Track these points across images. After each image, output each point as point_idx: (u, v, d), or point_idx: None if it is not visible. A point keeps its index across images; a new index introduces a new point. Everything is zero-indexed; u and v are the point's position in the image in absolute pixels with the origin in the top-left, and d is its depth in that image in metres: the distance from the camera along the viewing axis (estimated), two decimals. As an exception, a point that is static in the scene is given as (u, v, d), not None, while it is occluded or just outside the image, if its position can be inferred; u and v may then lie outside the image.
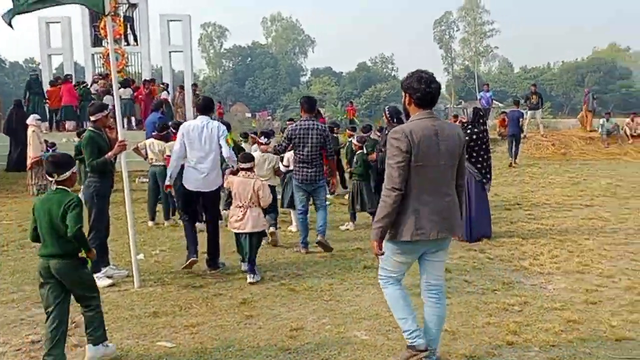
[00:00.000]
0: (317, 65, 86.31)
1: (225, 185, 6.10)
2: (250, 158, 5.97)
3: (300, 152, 6.59)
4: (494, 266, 5.92)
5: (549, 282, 5.32)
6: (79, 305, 3.87)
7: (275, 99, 73.36)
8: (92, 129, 5.61)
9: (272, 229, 7.16)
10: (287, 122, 11.12)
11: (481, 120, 7.26)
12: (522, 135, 16.85)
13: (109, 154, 5.50)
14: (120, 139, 5.52)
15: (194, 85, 20.19)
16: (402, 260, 3.48)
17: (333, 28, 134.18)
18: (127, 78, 18.74)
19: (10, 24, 4.92)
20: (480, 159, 7.11)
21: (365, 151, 8.23)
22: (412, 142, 3.24)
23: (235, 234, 5.82)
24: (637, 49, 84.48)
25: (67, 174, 3.76)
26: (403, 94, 3.46)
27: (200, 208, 6.36)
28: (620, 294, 4.91)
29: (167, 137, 8.44)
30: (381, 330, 4.23)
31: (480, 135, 7.11)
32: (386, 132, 7.21)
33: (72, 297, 3.83)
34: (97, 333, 3.83)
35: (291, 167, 7.50)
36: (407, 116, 3.57)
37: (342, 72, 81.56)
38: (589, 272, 5.58)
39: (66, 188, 3.76)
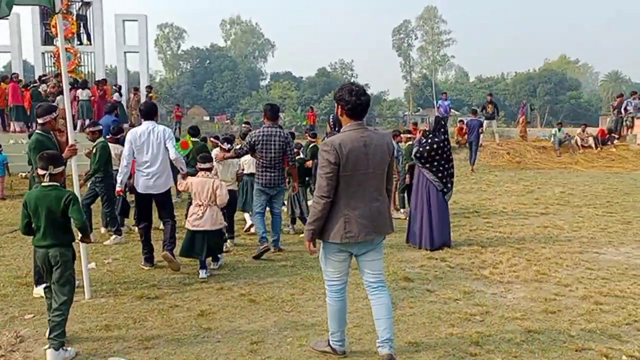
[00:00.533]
0: (277, 69, 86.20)
1: (181, 188, 6.25)
2: (209, 159, 6.22)
3: (264, 158, 6.74)
4: (455, 275, 5.94)
5: (509, 291, 5.36)
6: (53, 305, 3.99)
7: (234, 103, 72.67)
8: (40, 132, 5.31)
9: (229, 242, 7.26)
10: (244, 125, 11.02)
11: (442, 130, 7.33)
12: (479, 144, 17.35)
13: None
14: (70, 142, 5.25)
15: (149, 87, 19.67)
16: (337, 259, 3.74)
17: (293, 33, 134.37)
18: (85, 79, 18.14)
19: None
20: (441, 167, 7.17)
21: (303, 157, 8.59)
22: (340, 154, 3.51)
23: (192, 233, 5.90)
24: (586, 60, 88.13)
25: (60, 168, 4.11)
26: (336, 104, 3.68)
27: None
28: (577, 303, 4.98)
29: (122, 141, 8.13)
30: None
31: (442, 144, 7.17)
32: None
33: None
34: (60, 338, 3.89)
35: (247, 171, 7.77)
36: (340, 126, 3.78)
37: (302, 77, 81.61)
38: (546, 281, 5.66)
39: (58, 184, 4.06)
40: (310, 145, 9.58)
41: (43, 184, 4.04)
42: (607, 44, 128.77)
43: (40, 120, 5.33)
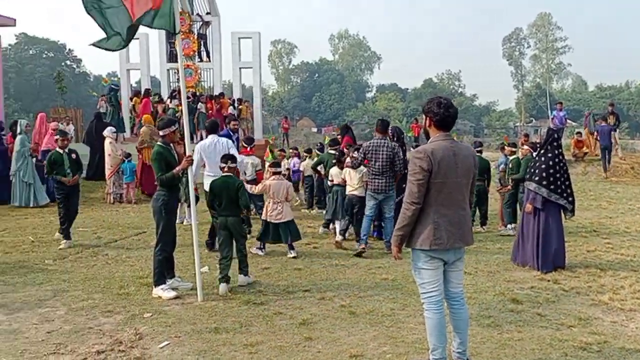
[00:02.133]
0: (383, 81, 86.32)
1: (258, 191, 7.67)
2: (277, 165, 8.05)
3: (373, 166, 7.59)
4: (569, 299, 5.54)
5: (631, 320, 4.91)
6: (236, 246, 6.02)
7: (340, 115, 73.68)
8: (160, 143, 5.74)
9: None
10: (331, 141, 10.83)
11: (555, 143, 6.86)
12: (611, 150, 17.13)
13: (177, 168, 5.60)
14: (187, 153, 5.62)
15: (239, 100, 20.31)
16: (431, 267, 3.78)
17: (399, 44, 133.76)
18: (202, 94, 19.48)
19: (101, 47, 5.19)
20: (559, 183, 6.67)
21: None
22: (433, 161, 3.63)
23: (276, 225, 7.32)
24: None
25: (234, 165, 6.30)
26: (424, 116, 3.84)
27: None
28: None
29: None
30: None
31: (556, 159, 6.72)
32: None
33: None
34: (245, 268, 6.07)
35: (335, 182, 8.51)
36: (427, 137, 3.93)
37: (407, 89, 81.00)
38: (678, 312, 5.11)
39: (231, 174, 6.20)
40: None
41: (223, 174, 6.15)
42: None
43: (161, 133, 5.77)
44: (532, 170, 6.81)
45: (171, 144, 5.83)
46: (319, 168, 10.03)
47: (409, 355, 4.16)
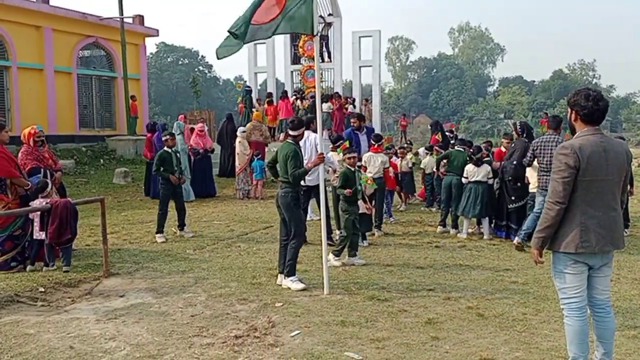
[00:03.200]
0: (506, 74, 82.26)
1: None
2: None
3: (542, 162, 7.44)
4: None
5: None
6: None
7: (459, 110, 71.52)
8: (292, 142, 6.01)
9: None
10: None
11: None
12: None
13: (309, 164, 5.83)
14: (319, 151, 5.83)
15: (365, 99, 20.50)
16: (573, 272, 3.54)
17: (525, 35, 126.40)
18: (326, 93, 20.06)
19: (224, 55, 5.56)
20: None
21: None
22: (580, 157, 3.39)
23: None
24: None
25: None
26: (569, 110, 3.58)
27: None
28: None
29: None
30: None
31: None
32: (513, 145, 8.20)
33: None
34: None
35: (471, 179, 8.36)
36: (573, 132, 3.67)
37: (534, 81, 76.49)
38: None
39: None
40: None
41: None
42: None
43: (294, 133, 6.05)
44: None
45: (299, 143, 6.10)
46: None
47: (543, 362, 3.97)
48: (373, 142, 8.77)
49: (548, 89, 69.62)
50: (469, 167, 8.42)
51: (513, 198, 8.08)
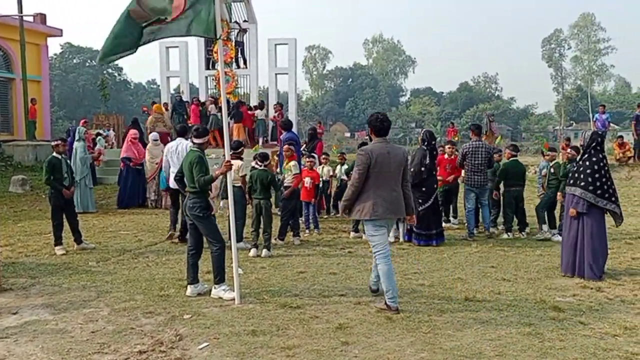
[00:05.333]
0: (417, 85, 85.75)
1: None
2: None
3: (471, 164, 8.92)
4: (613, 307, 5.38)
5: (681, 331, 4.73)
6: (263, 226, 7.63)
7: (374, 119, 73.43)
8: (197, 149, 5.86)
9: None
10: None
11: (599, 147, 6.66)
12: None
13: (217, 172, 5.70)
14: (226, 159, 5.72)
15: (279, 104, 20.46)
16: (376, 232, 5.34)
17: (434, 48, 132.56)
18: (263, 100, 20.04)
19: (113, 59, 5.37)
20: (605, 187, 6.49)
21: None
22: (372, 157, 5.21)
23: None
24: None
25: (266, 162, 7.92)
26: (368, 128, 5.43)
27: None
28: None
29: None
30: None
31: (601, 164, 6.53)
32: (414, 152, 8.95)
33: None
34: (269, 240, 7.89)
35: None
36: (371, 140, 5.51)
37: (442, 92, 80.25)
38: None
39: (267, 169, 7.84)
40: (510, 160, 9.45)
41: (259, 168, 7.77)
42: None
43: (199, 141, 5.90)
44: (577, 175, 6.62)
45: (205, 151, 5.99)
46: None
47: (447, 362, 4.11)
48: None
49: (455, 99, 73.35)
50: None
51: (420, 202, 8.39)
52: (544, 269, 6.96)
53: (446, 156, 9.91)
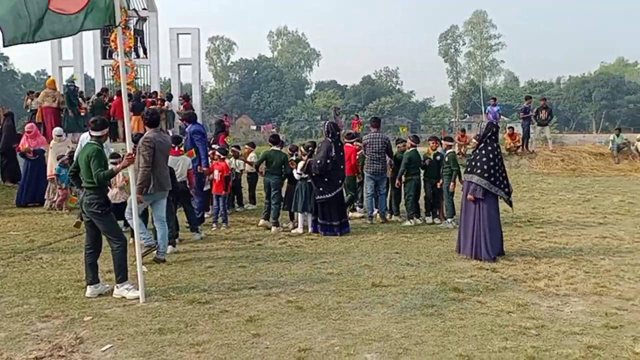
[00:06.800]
0: (322, 78, 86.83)
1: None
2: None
3: (371, 153, 9.42)
4: (507, 286, 5.78)
5: (566, 304, 5.17)
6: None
7: (280, 112, 73.53)
8: (95, 142, 5.53)
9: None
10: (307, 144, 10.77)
11: (494, 137, 7.11)
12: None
13: (117, 166, 5.41)
14: (128, 151, 5.44)
15: (186, 97, 19.84)
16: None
17: (338, 42, 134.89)
18: (170, 92, 19.20)
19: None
20: (498, 175, 6.93)
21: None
22: (155, 144, 6.41)
23: None
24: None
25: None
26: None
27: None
28: (640, 318, 4.76)
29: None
30: (392, 353, 4.09)
31: (495, 152, 6.97)
32: (319, 145, 8.98)
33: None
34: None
35: (304, 175, 8.69)
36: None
37: (346, 86, 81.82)
38: (607, 295, 5.43)
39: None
40: (410, 150, 9.74)
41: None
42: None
43: (97, 134, 5.56)
44: (473, 163, 7.02)
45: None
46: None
47: (356, 347, 4.20)
48: (172, 145, 8.33)
49: (359, 93, 75.07)
50: (303, 165, 8.70)
51: (321, 190, 8.50)
52: (444, 252, 7.33)
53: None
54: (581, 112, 71.55)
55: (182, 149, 8.44)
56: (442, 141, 10.03)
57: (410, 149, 9.67)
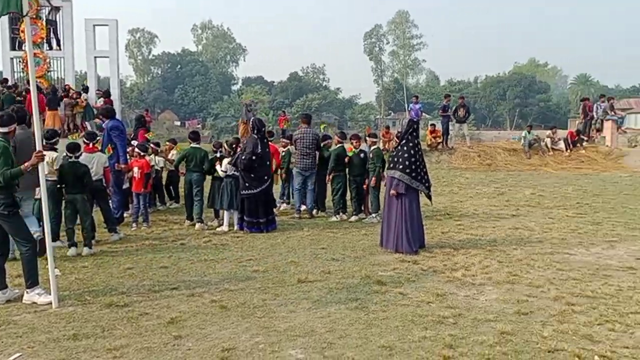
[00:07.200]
0: (249, 74, 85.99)
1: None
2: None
3: (301, 148, 9.56)
4: (427, 277, 5.96)
5: (481, 293, 5.40)
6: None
7: (205, 107, 72.09)
8: (1, 139, 5.14)
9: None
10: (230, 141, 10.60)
11: (415, 133, 7.32)
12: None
13: (26, 164, 5.05)
14: (37, 149, 5.11)
15: (105, 93, 19.07)
16: None
17: (265, 37, 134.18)
18: (86, 85, 18.30)
19: None
20: (419, 170, 7.14)
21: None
22: (17, 143, 5.62)
23: None
24: (555, 63, 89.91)
25: (77, 153, 7.25)
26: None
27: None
28: (549, 304, 5.05)
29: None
30: (316, 348, 4.10)
31: (416, 149, 7.17)
32: (246, 141, 8.79)
33: None
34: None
35: (229, 173, 8.56)
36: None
37: (273, 82, 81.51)
38: (518, 283, 5.72)
39: (78, 161, 7.22)
40: (338, 146, 9.84)
41: (70, 160, 7.09)
42: (576, 47, 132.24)
43: (5, 130, 5.18)
44: (396, 159, 7.19)
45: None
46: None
47: (281, 344, 4.18)
48: (87, 142, 7.95)
49: (286, 89, 75.02)
50: (227, 162, 8.55)
51: (247, 185, 8.42)
52: (369, 246, 7.46)
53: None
54: (497, 110, 75.31)
55: (97, 145, 8.06)
56: (367, 138, 10.20)
57: (338, 145, 9.79)
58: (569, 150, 19.28)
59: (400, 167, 7.08)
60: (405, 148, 7.17)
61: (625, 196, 12.02)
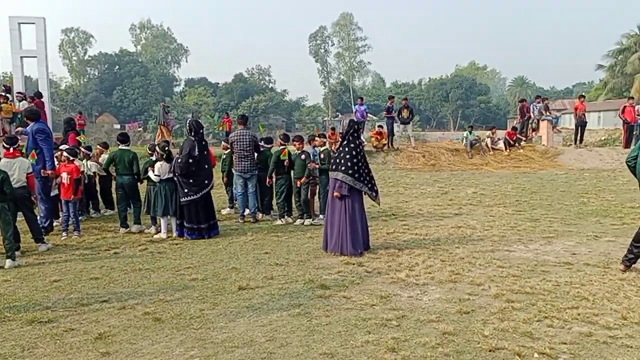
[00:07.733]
0: (192, 75, 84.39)
1: None
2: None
3: (239, 150, 9.31)
4: (372, 279, 5.85)
5: (425, 293, 5.34)
6: None
7: (146, 110, 70.10)
8: None
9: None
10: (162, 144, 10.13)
11: (356, 134, 7.19)
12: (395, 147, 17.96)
13: None
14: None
15: (36, 94, 18.05)
16: None
17: (207, 38, 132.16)
18: (8, 85, 17.19)
19: None
20: (362, 171, 7.03)
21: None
22: None
23: None
24: (494, 66, 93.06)
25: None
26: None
27: None
28: (490, 302, 5.04)
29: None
30: (255, 359, 3.90)
31: (358, 149, 7.05)
32: (182, 144, 8.47)
33: None
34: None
35: (163, 177, 8.23)
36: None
37: (218, 83, 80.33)
38: (460, 281, 5.71)
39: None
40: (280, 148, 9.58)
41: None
42: (513, 50, 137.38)
43: None
44: (338, 160, 7.04)
45: None
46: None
47: (217, 356, 3.94)
48: (6, 146, 7.44)
49: (231, 91, 74.03)
50: (160, 166, 8.17)
51: (186, 191, 8.09)
52: (313, 250, 7.29)
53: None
54: (440, 111, 77.16)
55: (18, 150, 7.52)
56: (317, 138, 10.05)
57: (280, 147, 9.58)
58: (508, 150, 19.83)
59: (343, 168, 6.96)
60: (347, 149, 7.05)
61: (562, 193, 12.41)
